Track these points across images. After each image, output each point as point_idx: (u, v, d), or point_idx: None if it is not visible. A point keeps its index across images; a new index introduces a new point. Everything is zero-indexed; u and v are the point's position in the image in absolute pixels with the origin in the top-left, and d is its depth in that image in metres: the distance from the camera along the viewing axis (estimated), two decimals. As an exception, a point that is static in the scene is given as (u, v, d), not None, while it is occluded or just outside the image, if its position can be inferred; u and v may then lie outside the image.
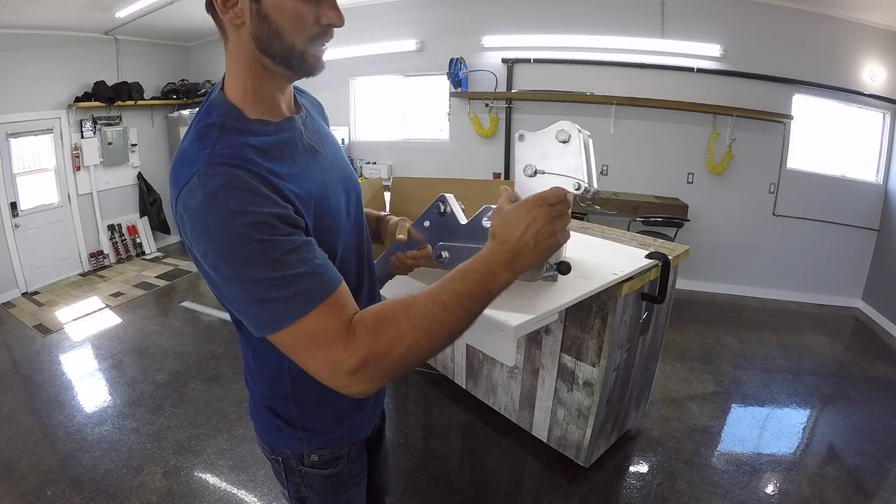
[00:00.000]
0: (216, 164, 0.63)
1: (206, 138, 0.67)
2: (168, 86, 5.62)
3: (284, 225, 0.64)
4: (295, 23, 0.68)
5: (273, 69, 0.72)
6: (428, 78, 4.82)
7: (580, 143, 1.06)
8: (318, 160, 0.80)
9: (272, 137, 0.73)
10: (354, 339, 0.63)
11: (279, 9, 0.66)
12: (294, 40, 0.69)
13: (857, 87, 3.83)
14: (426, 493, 2.08)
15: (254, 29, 0.68)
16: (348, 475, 0.97)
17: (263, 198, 0.64)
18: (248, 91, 0.73)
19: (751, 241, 4.31)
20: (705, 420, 2.58)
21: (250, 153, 0.67)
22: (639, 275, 1.78)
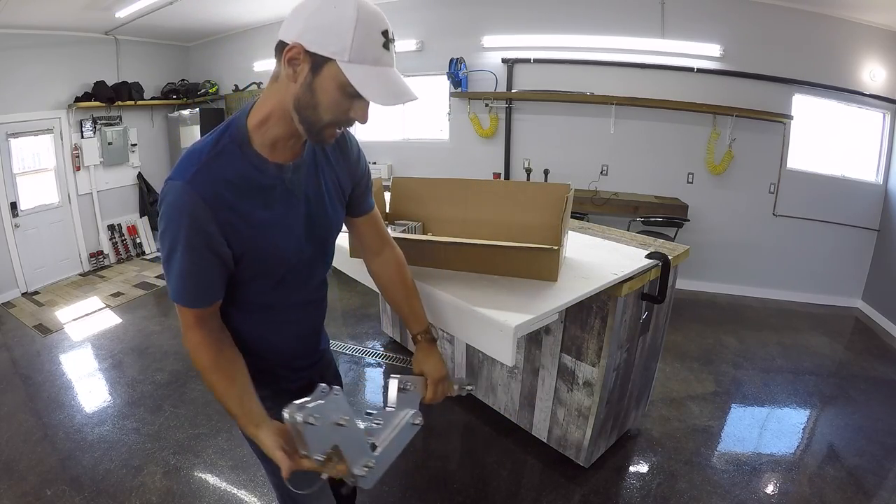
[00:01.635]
0: (188, 186, 0.82)
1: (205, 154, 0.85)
2: (168, 86, 5.62)
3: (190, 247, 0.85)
4: (331, 106, 0.83)
5: (297, 127, 0.86)
6: (428, 78, 4.82)
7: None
8: (290, 203, 0.95)
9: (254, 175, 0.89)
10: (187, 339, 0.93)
11: (325, 91, 0.81)
12: (323, 117, 0.84)
13: (857, 87, 3.83)
14: (426, 493, 2.08)
15: (299, 91, 0.82)
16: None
17: (202, 225, 0.84)
18: (268, 126, 0.88)
19: (751, 241, 4.31)
20: (705, 420, 2.58)
21: (222, 189, 0.85)
22: (639, 275, 1.78)
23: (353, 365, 3.13)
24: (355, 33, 0.77)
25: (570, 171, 4.25)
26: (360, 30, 0.77)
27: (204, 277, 0.89)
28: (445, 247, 1.63)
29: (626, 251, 1.98)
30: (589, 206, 4.12)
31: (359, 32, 0.77)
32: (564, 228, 1.63)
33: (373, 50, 0.80)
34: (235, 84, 5.68)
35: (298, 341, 1.14)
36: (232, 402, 0.92)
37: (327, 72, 0.79)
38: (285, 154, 0.92)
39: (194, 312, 0.92)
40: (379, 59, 0.81)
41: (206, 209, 0.83)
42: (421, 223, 2.04)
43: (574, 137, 4.46)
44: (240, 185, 0.87)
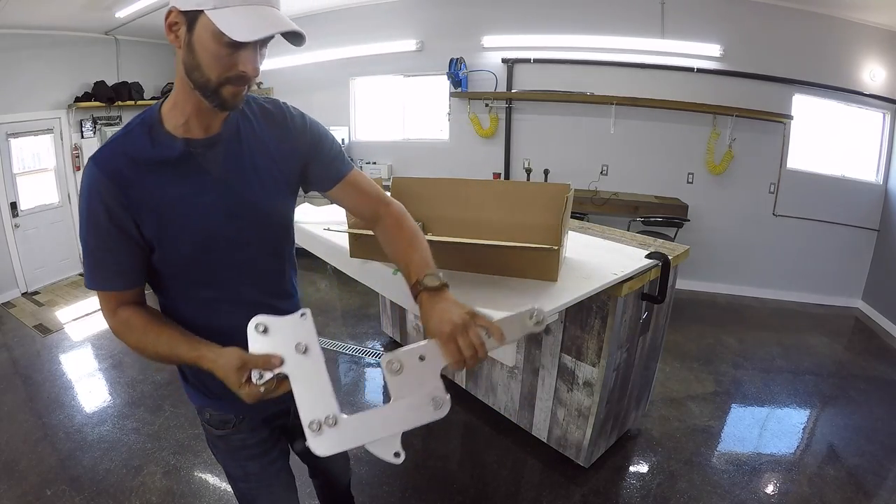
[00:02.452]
0: (93, 163, 0.83)
1: (116, 136, 0.87)
2: (168, 86, 5.57)
3: (97, 226, 0.84)
4: (212, 62, 0.78)
5: (194, 99, 0.84)
6: (428, 78, 4.82)
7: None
8: (205, 181, 0.89)
9: (159, 152, 0.86)
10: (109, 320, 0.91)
11: (203, 47, 0.77)
12: (210, 75, 0.79)
13: (857, 87, 3.83)
14: (426, 493, 2.08)
15: (183, 55, 0.79)
16: (240, 443, 1.09)
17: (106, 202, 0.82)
18: (177, 104, 0.86)
19: (751, 241, 4.31)
20: (705, 420, 2.58)
21: (124, 165, 0.83)
22: (639, 275, 1.78)
23: (353, 365, 3.13)
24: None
25: (570, 171, 4.25)
26: None
27: (113, 257, 0.86)
28: (445, 247, 1.63)
29: (626, 251, 1.98)
30: (589, 206, 4.12)
31: None
32: (564, 228, 1.63)
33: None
34: (235, 84, 5.68)
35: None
36: (182, 348, 0.86)
37: (200, 25, 0.75)
38: (198, 131, 0.88)
39: (113, 296, 0.89)
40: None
41: (112, 186, 0.82)
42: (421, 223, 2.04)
43: (574, 137, 4.46)
44: (145, 162, 0.84)
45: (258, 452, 1.11)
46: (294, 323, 0.78)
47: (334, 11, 4.93)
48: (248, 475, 1.12)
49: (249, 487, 1.14)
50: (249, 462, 1.11)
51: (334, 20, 4.95)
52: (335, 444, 0.75)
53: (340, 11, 4.91)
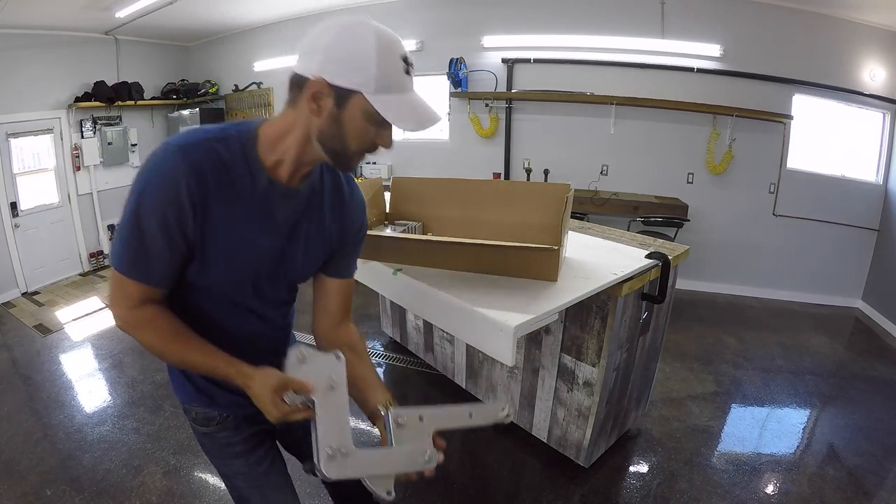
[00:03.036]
0: (178, 150, 0.79)
1: (210, 133, 0.83)
2: (168, 86, 5.62)
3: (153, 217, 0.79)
4: (358, 136, 0.81)
5: (318, 153, 0.85)
6: (428, 78, 4.82)
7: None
8: (269, 225, 0.91)
9: (246, 175, 0.85)
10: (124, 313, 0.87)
11: (352, 122, 0.80)
12: (350, 146, 0.83)
13: (857, 87, 3.83)
14: (426, 493, 2.08)
15: (323, 124, 0.81)
16: (224, 441, 1.09)
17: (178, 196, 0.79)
18: (278, 143, 0.85)
19: (751, 241, 4.31)
20: (705, 420, 2.58)
21: (211, 170, 0.81)
22: (639, 275, 1.78)
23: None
24: (378, 63, 0.76)
25: (570, 171, 4.25)
26: (381, 59, 0.77)
27: (161, 250, 0.82)
28: (445, 247, 1.64)
29: (626, 251, 1.98)
30: (589, 206, 4.12)
31: (381, 62, 0.77)
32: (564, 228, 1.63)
33: (396, 77, 0.79)
34: (235, 84, 5.68)
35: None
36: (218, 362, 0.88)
37: (353, 103, 0.78)
38: (284, 176, 0.88)
39: (141, 289, 0.85)
40: (402, 84, 0.80)
41: (192, 183, 0.79)
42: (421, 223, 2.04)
43: (574, 137, 4.46)
44: (229, 178, 0.83)
45: (243, 450, 1.11)
46: (330, 361, 0.86)
47: (334, 12, 4.94)
48: (236, 474, 1.13)
49: (240, 486, 1.14)
50: (235, 460, 1.12)
51: (334, 20, 4.96)
52: (343, 472, 0.84)
53: (340, 12, 4.92)
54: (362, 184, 1.93)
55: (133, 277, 0.84)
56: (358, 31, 0.78)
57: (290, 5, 4.89)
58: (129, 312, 0.87)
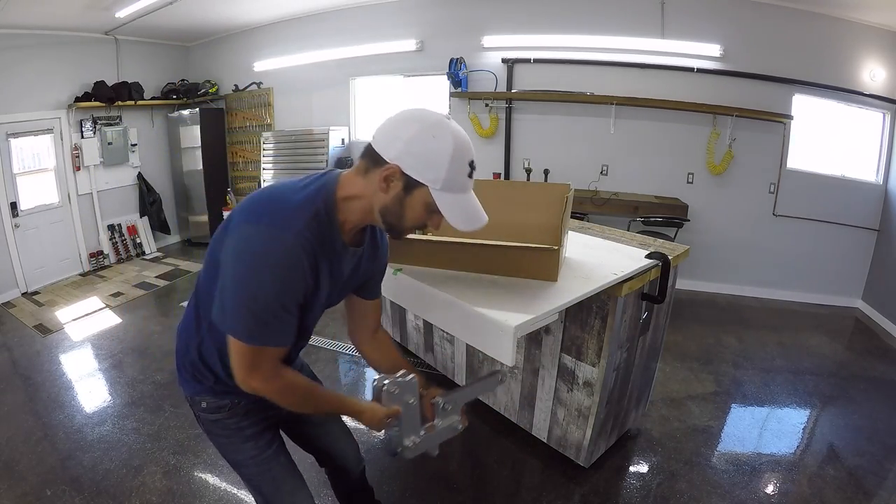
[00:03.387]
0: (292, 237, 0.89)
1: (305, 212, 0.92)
2: (168, 86, 5.62)
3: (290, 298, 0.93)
4: (414, 218, 0.97)
5: (377, 221, 0.99)
6: (428, 78, 4.82)
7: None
8: (335, 279, 1.05)
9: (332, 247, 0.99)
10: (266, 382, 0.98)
11: (413, 208, 0.95)
12: (404, 225, 0.98)
13: (857, 87, 3.83)
14: (426, 493, 2.08)
15: (388, 201, 0.94)
16: (235, 426, 1.17)
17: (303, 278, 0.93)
18: (351, 210, 0.98)
19: (751, 241, 4.31)
20: (705, 420, 2.58)
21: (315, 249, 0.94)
22: (639, 275, 1.78)
23: (353, 365, 3.13)
24: (449, 168, 0.89)
25: (570, 171, 4.25)
26: (453, 164, 0.89)
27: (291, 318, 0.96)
28: (445, 247, 1.64)
29: (626, 251, 1.98)
30: (589, 206, 4.12)
31: (452, 166, 0.89)
32: (564, 228, 1.63)
33: (460, 180, 0.93)
34: (235, 84, 5.68)
35: None
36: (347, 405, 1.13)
37: (418, 193, 0.92)
38: (347, 233, 1.02)
39: (277, 354, 0.97)
40: (464, 186, 0.94)
41: (306, 260, 0.92)
42: (421, 223, 2.04)
43: (574, 137, 4.46)
44: (323, 250, 0.96)
45: (253, 434, 1.20)
46: (410, 385, 1.15)
47: (334, 11, 4.94)
48: (247, 459, 1.20)
49: (251, 472, 1.22)
50: (245, 444, 1.19)
51: (334, 20, 4.96)
52: (415, 454, 1.18)
53: (340, 11, 4.92)
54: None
55: (273, 345, 0.95)
56: (438, 134, 0.90)
57: (290, 5, 4.89)
58: (271, 381, 0.98)
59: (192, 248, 5.86)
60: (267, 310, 0.91)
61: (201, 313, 1.07)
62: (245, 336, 0.92)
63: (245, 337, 0.92)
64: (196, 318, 1.09)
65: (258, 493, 1.25)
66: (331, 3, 4.84)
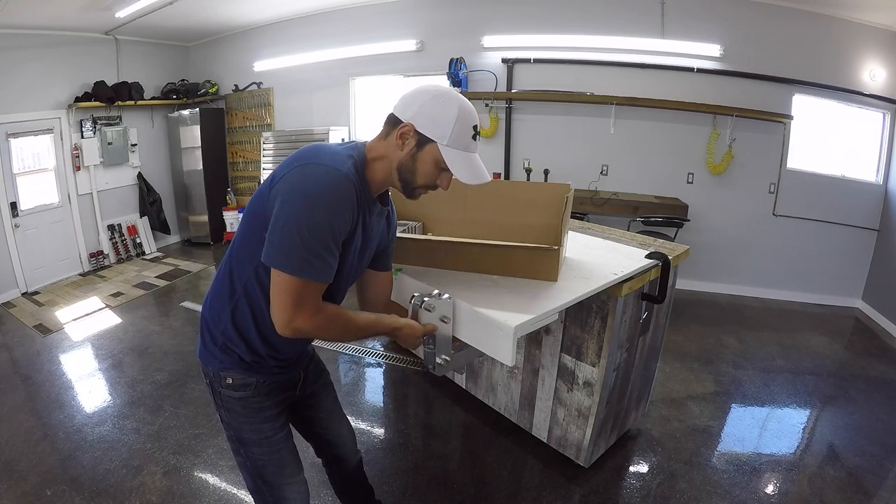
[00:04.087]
0: (345, 176, 0.98)
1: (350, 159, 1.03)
2: (168, 86, 5.62)
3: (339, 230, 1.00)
4: (425, 174, 1.07)
5: (394, 180, 1.09)
6: (428, 78, 4.81)
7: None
8: (366, 230, 1.13)
9: (362, 193, 1.05)
10: (311, 318, 1.02)
11: (423, 163, 1.06)
12: (416, 181, 1.08)
13: (857, 87, 3.83)
14: (426, 493, 2.08)
15: (403, 158, 1.06)
16: (257, 405, 1.21)
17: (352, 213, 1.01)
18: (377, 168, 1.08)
19: (751, 241, 4.31)
20: (705, 420, 2.58)
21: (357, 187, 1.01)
22: (639, 275, 1.78)
23: (353, 365, 3.13)
24: (455, 126, 1.02)
25: (570, 171, 4.25)
26: (458, 124, 1.03)
27: (335, 254, 1.01)
28: (445, 247, 1.63)
29: (626, 251, 1.98)
30: (589, 206, 4.12)
31: (457, 126, 1.03)
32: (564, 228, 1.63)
33: (465, 140, 1.05)
34: (235, 84, 5.69)
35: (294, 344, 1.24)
36: (385, 324, 1.19)
37: (428, 149, 1.04)
38: (374, 192, 1.11)
39: (320, 288, 1.02)
40: (468, 146, 1.06)
41: (355, 199, 1.00)
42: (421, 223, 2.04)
43: (574, 137, 4.47)
44: (362, 197, 1.05)
45: (272, 415, 1.24)
46: (446, 303, 1.24)
47: (334, 11, 4.94)
48: (263, 438, 1.23)
49: (262, 452, 1.24)
50: (264, 424, 1.23)
51: (334, 20, 4.96)
52: (446, 369, 1.28)
53: (340, 11, 4.92)
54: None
55: (319, 280, 1.00)
56: (447, 101, 1.04)
57: (290, 5, 4.89)
58: (316, 316, 1.03)
59: (192, 247, 5.86)
60: (318, 241, 0.96)
61: (235, 277, 1.11)
62: (296, 268, 0.96)
63: (296, 269, 0.96)
64: (230, 284, 1.12)
65: (258, 475, 1.27)
66: (331, 3, 4.84)
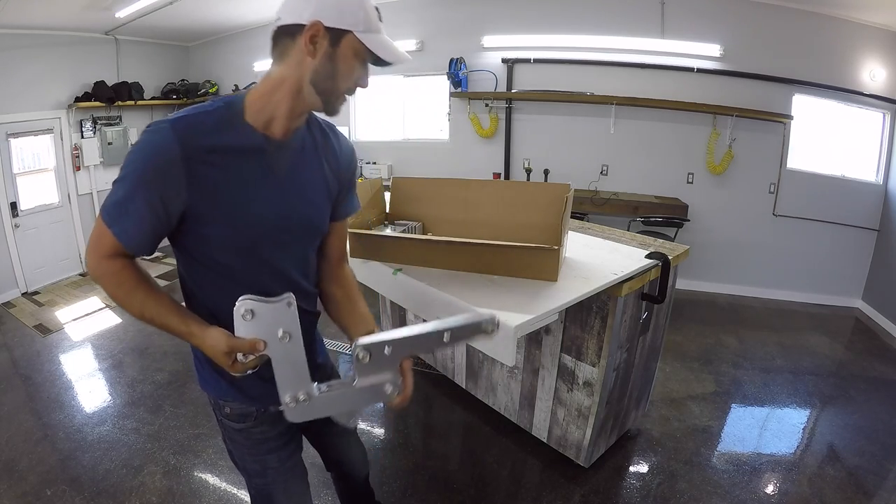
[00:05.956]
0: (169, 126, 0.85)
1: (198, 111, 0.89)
2: (168, 86, 5.62)
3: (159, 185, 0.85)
4: (347, 74, 0.91)
5: (309, 99, 0.91)
6: (428, 78, 4.82)
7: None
8: (268, 178, 0.95)
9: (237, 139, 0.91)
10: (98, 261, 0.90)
11: (344, 59, 0.89)
12: (339, 86, 0.91)
13: (857, 87, 3.83)
14: (426, 493, 2.08)
15: (318, 65, 0.88)
16: (261, 436, 1.10)
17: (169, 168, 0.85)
18: (268, 103, 0.91)
19: (751, 241, 4.31)
20: (705, 420, 2.58)
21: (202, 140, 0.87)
22: (639, 275, 1.78)
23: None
24: (364, 7, 0.88)
25: (570, 171, 4.25)
26: (364, 5, 0.88)
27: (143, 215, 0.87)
28: (445, 247, 1.63)
29: (626, 251, 1.98)
30: (589, 206, 4.12)
31: (365, 7, 0.88)
32: (564, 228, 1.63)
33: (374, 21, 0.90)
34: (235, 84, 5.68)
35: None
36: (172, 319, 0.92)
37: (346, 42, 0.88)
38: (277, 132, 0.94)
39: (116, 246, 0.89)
40: (379, 27, 0.91)
41: (180, 154, 0.84)
42: (421, 223, 2.04)
43: (574, 137, 4.46)
44: (221, 144, 0.89)
45: (277, 445, 1.13)
46: (279, 310, 0.85)
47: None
48: (267, 469, 1.14)
49: (266, 483, 1.15)
50: (269, 455, 1.13)
51: (334, 20, 4.95)
52: (306, 415, 0.89)
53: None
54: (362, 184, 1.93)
55: (112, 230, 0.87)
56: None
57: (290, 5, 4.88)
58: (99, 261, 0.90)
59: (192, 248, 5.86)
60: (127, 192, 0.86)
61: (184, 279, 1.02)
62: (103, 208, 0.89)
63: (102, 209, 0.89)
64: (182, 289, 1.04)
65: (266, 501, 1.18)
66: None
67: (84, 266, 0.91)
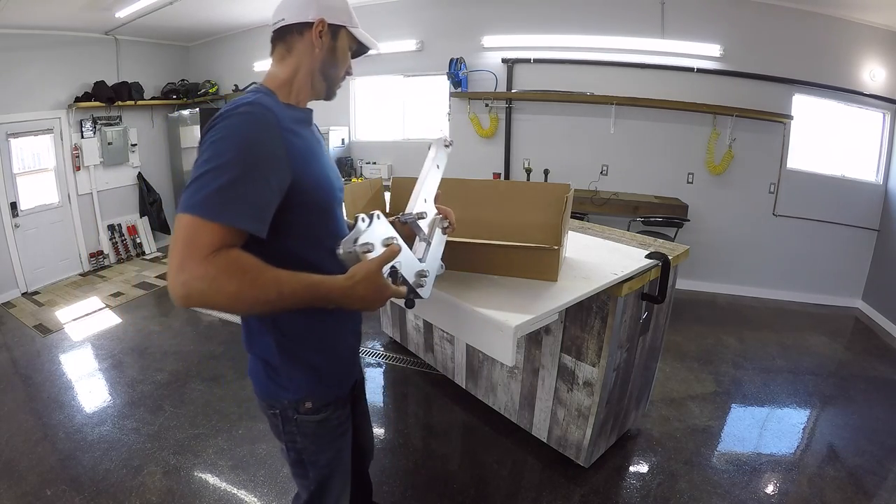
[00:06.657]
0: (261, 105, 0.90)
1: (253, 94, 0.94)
2: (168, 86, 5.62)
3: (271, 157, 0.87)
4: (342, 63, 1.09)
5: (318, 85, 1.07)
6: (428, 78, 4.82)
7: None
8: (318, 141, 1.10)
9: (290, 112, 1.00)
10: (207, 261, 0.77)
11: (342, 50, 1.08)
12: (338, 73, 1.10)
13: (857, 87, 3.83)
14: (426, 493, 2.08)
15: (324, 55, 1.05)
16: (336, 422, 1.15)
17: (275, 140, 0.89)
18: (291, 90, 1.03)
19: (751, 241, 4.31)
20: (705, 420, 2.58)
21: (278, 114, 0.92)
22: (639, 275, 1.78)
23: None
24: (349, 7, 1.07)
25: (570, 171, 4.25)
26: (348, 4, 1.07)
27: (259, 192, 0.83)
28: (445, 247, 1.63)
29: (626, 251, 1.98)
30: (589, 206, 4.12)
31: (349, 6, 1.07)
32: (564, 228, 1.63)
33: (356, 17, 1.09)
34: (235, 84, 5.68)
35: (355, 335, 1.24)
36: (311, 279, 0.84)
37: (341, 37, 1.06)
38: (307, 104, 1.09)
39: (228, 236, 0.79)
40: (358, 22, 1.10)
41: (278, 128, 0.90)
42: (421, 223, 2.04)
43: (574, 137, 4.46)
44: (293, 116, 0.99)
45: (347, 428, 1.20)
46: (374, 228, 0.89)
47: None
48: (341, 453, 1.19)
49: (331, 471, 1.17)
50: (341, 439, 1.19)
51: (334, 20, 4.96)
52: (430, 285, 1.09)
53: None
54: (362, 184, 1.92)
55: (220, 220, 0.79)
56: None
57: (290, 5, 4.88)
58: (203, 263, 0.77)
59: (192, 248, 5.85)
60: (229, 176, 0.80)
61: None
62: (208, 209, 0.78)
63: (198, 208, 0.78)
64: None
65: (321, 488, 1.16)
66: (331, 3, 4.83)
67: (172, 292, 0.75)
